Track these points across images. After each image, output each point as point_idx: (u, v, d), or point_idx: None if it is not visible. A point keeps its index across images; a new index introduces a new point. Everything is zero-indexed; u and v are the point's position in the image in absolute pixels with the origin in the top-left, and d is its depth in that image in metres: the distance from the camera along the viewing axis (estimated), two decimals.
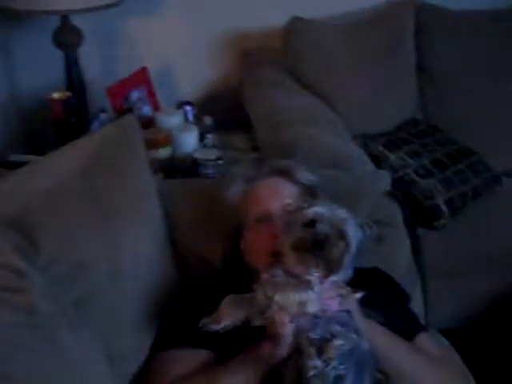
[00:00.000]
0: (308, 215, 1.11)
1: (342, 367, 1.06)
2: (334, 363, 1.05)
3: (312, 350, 1.05)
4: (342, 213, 1.13)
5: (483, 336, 1.95)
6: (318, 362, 1.05)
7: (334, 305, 1.13)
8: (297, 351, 1.08)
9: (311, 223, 1.11)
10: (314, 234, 1.09)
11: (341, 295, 1.14)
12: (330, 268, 1.10)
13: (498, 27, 2.56)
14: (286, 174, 1.39)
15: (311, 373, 1.04)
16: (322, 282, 1.11)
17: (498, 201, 2.22)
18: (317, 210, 1.12)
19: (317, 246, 1.09)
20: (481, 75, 2.51)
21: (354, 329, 1.11)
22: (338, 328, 1.09)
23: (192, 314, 1.24)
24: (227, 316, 1.14)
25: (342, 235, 1.10)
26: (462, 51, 2.51)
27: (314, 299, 1.10)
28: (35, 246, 1.15)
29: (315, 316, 1.10)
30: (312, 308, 1.10)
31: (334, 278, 1.12)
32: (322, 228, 1.10)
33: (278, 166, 1.41)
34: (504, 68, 2.52)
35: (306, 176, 1.40)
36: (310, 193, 1.37)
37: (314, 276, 1.10)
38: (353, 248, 1.11)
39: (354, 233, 1.12)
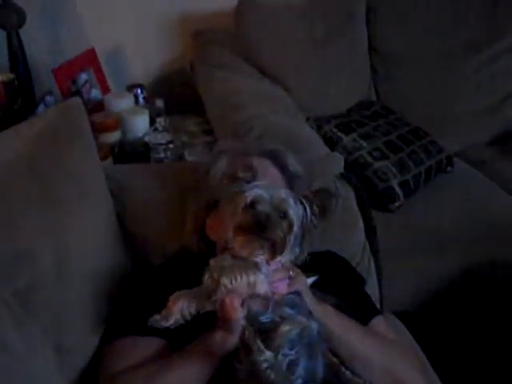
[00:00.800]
0: (248, 197, 1.09)
1: (292, 352, 1.03)
2: (283, 350, 1.02)
3: (259, 343, 1.03)
4: (281, 193, 1.11)
5: (437, 318, 1.97)
6: (269, 354, 1.02)
7: (283, 287, 1.11)
8: (244, 345, 1.05)
9: (252, 205, 1.09)
10: (255, 216, 1.07)
11: (290, 277, 1.12)
12: (275, 249, 1.08)
13: (449, 7, 2.56)
14: (274, 158, 1.36)
15: (264, 366, 1.01)
16: (268, 264, 1.09)
17: (449, 181, 2.24)
18: (256, 191, 1.10)
19: (258, 227, 1.06)
20: (432, 56, 2.52)
21: (304, 311, 1.09)
22: (287, 311, 1.07)
23: (143, 301, 1.22)
24: (176, 312, 1.10)
25: (283, 215, 1.08)
26: (413, 32, 2.51)
27: (262, 280, 1.06)
28: None
29: (265, 298, 1.08)
30: (261, 289, 1.07)
31: (280, 258, 1.10)
32: (262, 209, 1.08)
33: (268, 149, 1.38)
34: (454, 48, 2.53)
35: (293, 164, 1.38)
36: (290, 181, 1.35)
37: (261, 258, 1.08)
38: (295, 227, 1.09)
39: (295, 211, 1.10)
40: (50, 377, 1.11)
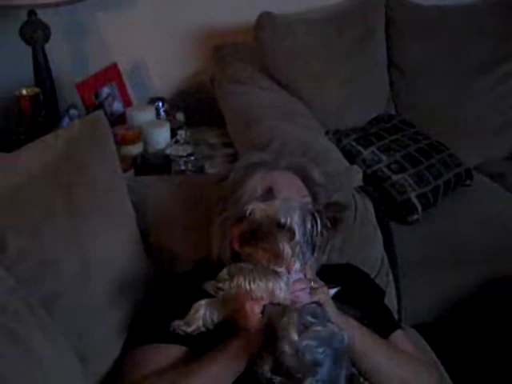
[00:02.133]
0: (241, 210, 1.15)
1: (320, 350, 1.04)
2: (312, 343, 1.03)
3: (292, 328, 1.04)
4: (281, 204, 1.15)
5: (456, 330, 1.96)
6: (295, 337, 1.02)
7: (304, 296, 1.12)
8: (273, 337, 1.06)
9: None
10: (249, 224, 1.12)
11: (311, 288, 1.14)
12: (276, 257, 1.11)
13: (466, 22, 2.58)
14: (301, 171, 1.38)
15: (286, 348, 1.02)
16: (289, 273, 1.12)
17: (468, 195, 2.24)
18: (254, 204, 1.16)
19: (253, 236, 1.11)
20: (451, 70, 2.53)
21: (326, 321, 1.10)
22: (309, 319, 1.08)
23: (165, 310, 1.24)
24: (198, 318, 1.13)
25: (282, 224, 1.11)
26: (432, 46, 2.53)
27: (281, 287, 1.10)
28: (2, 245, 1.13)
29: (285, 307, 1.09)
30: (280, 296, 1.09)
31: (293, 267, 1.12)
32: (253, 218, 1.12)
33: (296, 163, 1.40)
34: (472, 63, 2.54)
35: (318, 177, 1.40)
36: (315, 194, 1.37)
37: (281, 268, 1.11)
38: (298, 235, 1.11)
39: (296, 221, 1.12)
40: (73, 382, 1.13)
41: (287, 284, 1.10)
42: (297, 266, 1.14)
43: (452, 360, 1.52)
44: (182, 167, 2.05)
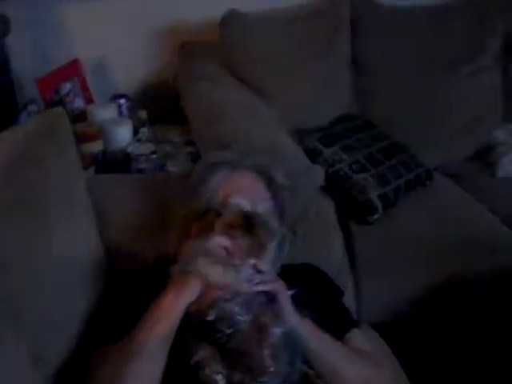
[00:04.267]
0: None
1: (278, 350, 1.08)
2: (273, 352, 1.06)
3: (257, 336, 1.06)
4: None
5: (415, 328, 1.98)
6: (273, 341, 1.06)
7: (257, 288, 1.15)
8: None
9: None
10: (242, 211, 1.18)
11: (266, 282, 1.16)
12: (257, 247, 1.15)
13: (431, 22, 2.61)
14: (264, 173, 1.38)
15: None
16: (244, 266, 1.15)
17: (428, 195, 2.27)
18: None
19: (246, 221, 1.16)
20: (413, 72, 2.55)
21: (278, 313, 1.13)
22: (262, 312, 1.12)
23: (126, 308, 1.24)
24: None
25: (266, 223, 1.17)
26: (397, 45, 2.55)
27: (236, 277, 1.12)
28: None
29: (236, 294, 1.12)
30: (237, 286, 1.12)
31: (260, 264, 1.15)
32: (233, 211, 1.18)
33: (259, 164, 1.40)
34: (435, 63, 2.57)
35: (280, 179, 1.40)
36: (277, 195, 1.38)
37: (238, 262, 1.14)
38: (275, 237, 1.17)
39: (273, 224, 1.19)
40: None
41: (243, 275, 1.13)
42: (264, 266, 1.16)
43: (411, 359, 1.54)
44: (143, 165, 2.03)
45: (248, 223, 1.18)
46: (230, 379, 1.09)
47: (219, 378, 1.08)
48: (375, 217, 2.07)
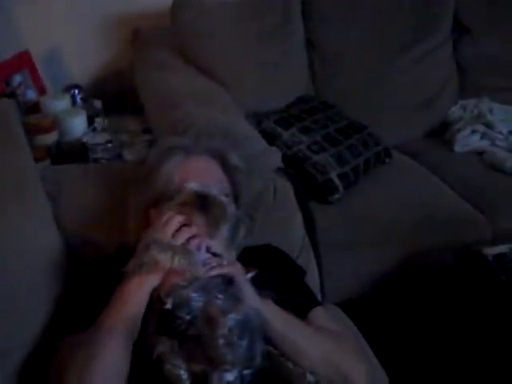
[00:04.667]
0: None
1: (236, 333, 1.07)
2: (230, 338, 1.05)
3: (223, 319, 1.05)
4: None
5: (379, 306, 2.01)
6: (225, 331, 1.04)
7: (212, 272, 1.16)
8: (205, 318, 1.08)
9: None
10: (198, 192, 1.20)
11: (222, 265, 1.17)
12: (211, 227, 1.18)
13: (383, 3, 2.61)
14: (219, 156, 1.38)
15: (221, 341, 1.04)
16: (199, 250, 1.17)
17: (388, 173, 2.29)
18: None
19: (201, 201, 1.19)
20: (369, 51, 2.56)
21: (234, 296, 1.12)
22: (219, 296, 1.11)
23: (89, 296, 1.23)
24: None
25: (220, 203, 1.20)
26: (349, 28, 2.54)
27: (189, 260, 1.14)
28: None
29: (193, 279, 1.13)
30: (191, 270, 1.14)
31: (214, 243, 1.18)
32: (190, 191, 1.21)
33: (214, 147, 1.40)
34: (390, 43, 2.58)
35: (236, 162, 1.41)
36: (233, 178, 1.39)
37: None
38: (229, 217, 1.20)
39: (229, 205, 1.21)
40: None
41: (201, 261, 1.15)
42: (217, 247, 1.18)
43: (375, 337, 1.55)
44: (99, 155, 2.00)
45: (201, 203, 1.20)
46: (192, 372, 1.08)
47: (181, 372, 1.08)
48: (336, 196, 2.08)
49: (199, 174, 1.30)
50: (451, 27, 2.67)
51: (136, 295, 1.14)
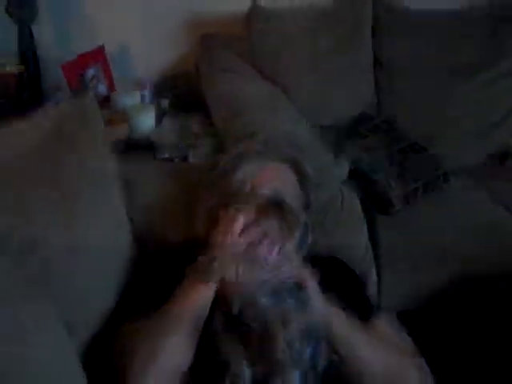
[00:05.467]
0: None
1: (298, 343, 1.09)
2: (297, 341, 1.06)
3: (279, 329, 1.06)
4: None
5: (435, 320, 1.99)
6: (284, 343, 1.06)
7: (284, 274, 1.18)
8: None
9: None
10: (271, 199, 1.22)
11: (292, 269, 1.19)
12: (284, 232, 1.20)
13: (453, 27, 2.61)
14: (294, 164, 1.41)
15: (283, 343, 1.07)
16: (270, 254, 1.20)
17: (445, 198, 2.26)
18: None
19: (273, 207, 1.21)
20: (436, 71, 2.55)
21: (303, 301, 1.14)
22: (288, 300, 1.13)
23: (154, 287, 1.27)
24: None
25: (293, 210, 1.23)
26: (419, 47, 2.55)
27: (257, 269, 1.16)
28: None
29: (262, 283, 1.15)
30: (254, 277, 1.15)
31: (285, 248, 1.20)
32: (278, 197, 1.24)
33: (288, 155, 1.42)
34: (458, 65, 2.57)
35: (309, 171, 1.43)
36: (306, 187, 1.41)
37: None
38: (301, 224, 1.23)
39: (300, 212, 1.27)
40: (61, 350, 1.12)
41: (272, 264, 1.17)
42: (289, 247, 1.21)
43: (432, 348, 1.55)
44: (166, 155, 2.04)
45: (275, 209, 1.22)
46: (255, 375, 1.10)
47: (245, 374, 1.10)
48: (397, 208, 2.08)
49: (273, 180, 1.33)
50: None
51: (199, 296, 1.17)
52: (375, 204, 2.07)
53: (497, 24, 2.62)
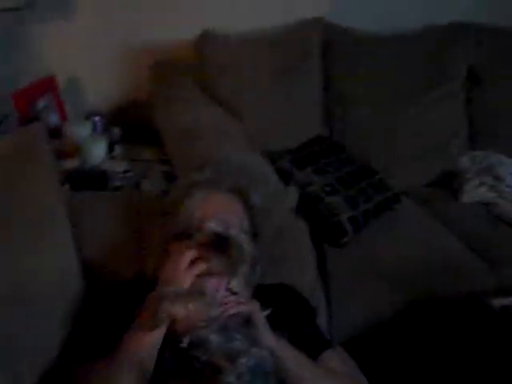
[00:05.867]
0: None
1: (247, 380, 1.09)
2: (246, 378, 1.07)
3: (228, 365, 1.07)
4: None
5: (385, 347, 2.02)
6: (233, 378, 1.06)
7: (230, 311, 1.18)
8: (211, 365, 1.09)
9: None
10: (214, 233, 1.21)
11: (239, 302, 1.19)
12: (230, 269, 1.20)
13: (400, 49, 2.69)
14: (241, 195, 1.42)
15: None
16: (217, 290, 1.20)
17: (396, 219, 2.31)
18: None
19: (218, 242, 1.21)
20: (384, 95, 2.61)
21: (252, 337, 1.15)
22: (237, 336, 1.13)
23: (104, 324, 1.25)
24: None
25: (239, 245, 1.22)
26: (368, 71, 2.62)
27: (204, 306, 1.15)
28: None
29: (211, 320, 1.15)
30: (204, 314, 1.15)
31: (232, 283, 1.21)
32: (208, 232, 1.23)
33: (237, 186, 1.43)
34: (404, 89, 2.64)
35: (256, 200, 1.44)
36: (253, 216, 1.42)
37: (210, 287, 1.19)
38: (248, 259, 1.22)
39: (248, 244, 1.23)
40: None
41: (213, 302, 1.17)
42: (236, 286, 1.21)
43: (380, 377, 1.57)
44: (118, 183, 2.04)
45: (222, 245, 1.22)
46: None
47: None
48: (345, 239, 2.11)
49: (220, 212, 1.33)
50: (464, 77, 2.73)
51: (150, 340, 1.16)
52: (325, 233, 2.11)
53: (441, 46, 2.71)
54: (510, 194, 2.46)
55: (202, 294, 1.17)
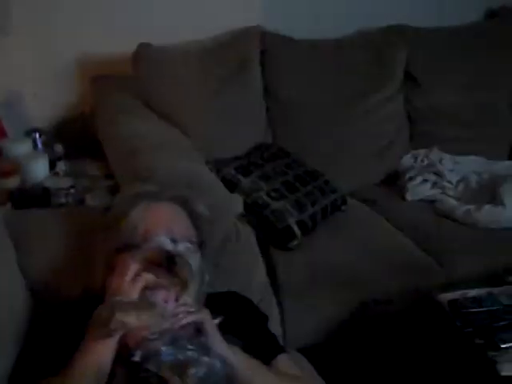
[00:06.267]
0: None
1: None
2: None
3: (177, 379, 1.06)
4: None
5: (339, 351, 2.03)
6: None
7: (182, 321, 1.17)
8: (160, 379, 1.08)
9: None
10: (165, 252, 1.20)
11: (190, 312, 1.19)
12: (178, 285, 1.19)
13: (340, 54, 2.74)
14: (185, 204, 1.40)
15: None
16: (166, 301, 1.18)
17: (344, 219, 2.35)
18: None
19: (168, 261, 1.19)
20: (325, 100, 2.65)
21: (204, 346, 1.14)
22: (189, 347, 1.12)
23: (53, 345, 1.23)
24: None
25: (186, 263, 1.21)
26: (307, 77, 2.65)
27: (155, 317, 1.14)
28: None
29: (162, 331, 1.13)
30: (155, 326, 1.13)
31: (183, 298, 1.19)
32: (156, 248, 1.22)
33: (180, 195, 1.42)
34: (345, 94, 2.68)
35: (200, 209, 1.43)
36: (198, 225, 1.40)
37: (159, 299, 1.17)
38: (196, 274, 1.21)
39: (194, 258, 1.23)
40: None
41: (163, 314, 1.15)
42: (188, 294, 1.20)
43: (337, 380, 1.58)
44: (62, 200, 2.01)
45: (170, 263, 1.20)
46: None
47: None
48: (295, 243, 2.13)
49: (164, 221, 1.31)
50: (402, 79, 2.80)
51: (101, 352, 1.14)
52: (275, 238, 2.11)
53: (380, 50, 2.76)
54: (452, 190, 2.52)
55: (152, 305, 1.16)
